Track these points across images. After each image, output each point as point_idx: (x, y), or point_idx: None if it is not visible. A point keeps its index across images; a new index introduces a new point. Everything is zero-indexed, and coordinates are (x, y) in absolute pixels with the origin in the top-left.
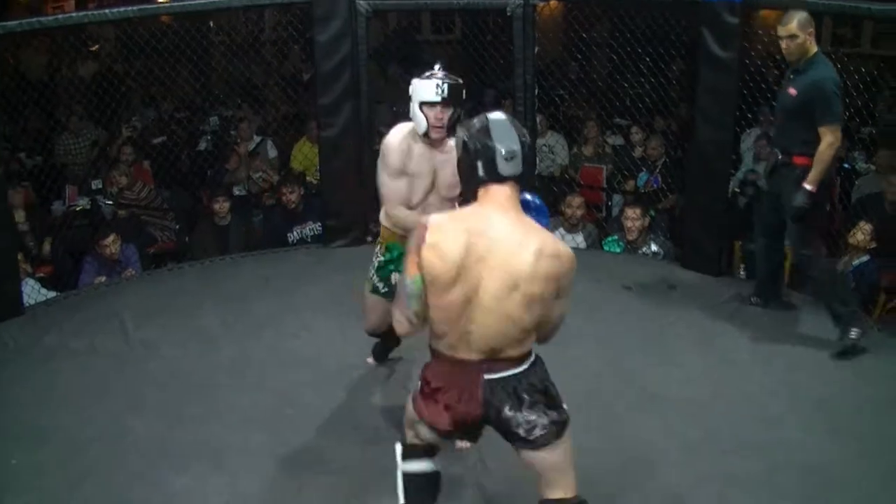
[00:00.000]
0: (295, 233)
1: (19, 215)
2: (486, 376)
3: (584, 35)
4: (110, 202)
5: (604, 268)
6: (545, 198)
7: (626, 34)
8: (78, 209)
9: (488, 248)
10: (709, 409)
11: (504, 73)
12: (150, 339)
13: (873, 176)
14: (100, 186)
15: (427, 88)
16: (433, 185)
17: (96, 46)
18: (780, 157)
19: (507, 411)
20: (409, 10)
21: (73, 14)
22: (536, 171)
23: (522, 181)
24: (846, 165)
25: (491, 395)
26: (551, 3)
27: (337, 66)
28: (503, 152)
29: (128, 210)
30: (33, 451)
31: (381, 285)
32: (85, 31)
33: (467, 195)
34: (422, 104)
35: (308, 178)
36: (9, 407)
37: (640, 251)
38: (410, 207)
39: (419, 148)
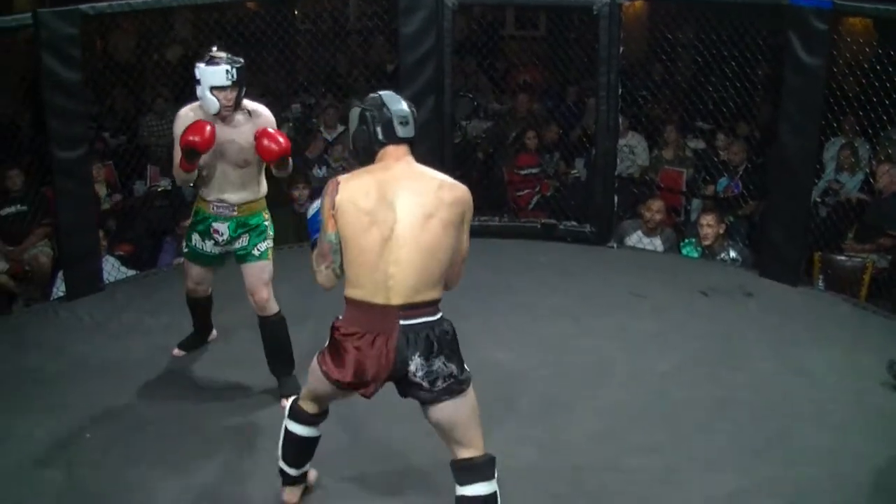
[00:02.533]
0: None
1: (102, 190)
2: (403, 322)
3: (668, 36)
4: (191, 185)
5: (681, 272)
6: (624, 197)
7: (712, 36)
8: (159, 190)
9: (395, 190)
10: (777, 416)
11: (587, 71)
12: (225, 323)
13: None
14: None
15: (217, 74)
16: (223, 155)
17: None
18: None
19: (417, 358)
20: (496, 4)
21: None
22: (617, 172)
23: (414, 143)
24: None
25: (405, 341)
26: (636, 2)
27: (421, 58)
28: (398, 118)
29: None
30: (104, 427)
31: (184, 245)
32: (171, 15)
33: (364, 160)
34: (212, 88)
35: None
36: (82, 381)
37: (717, 257)
38: (201, 175)
39: (215, 123)
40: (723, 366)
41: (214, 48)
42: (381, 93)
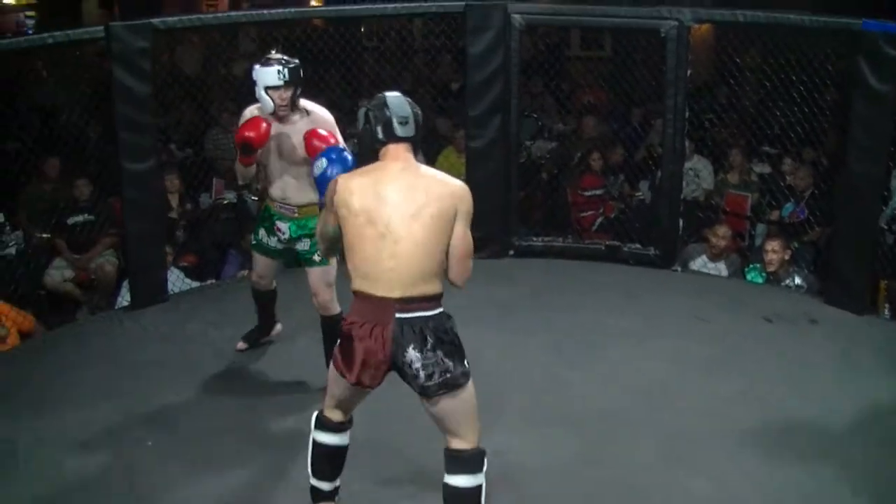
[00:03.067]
0: None
1: (175, 200)
2: (398, 315)
3: (736, 60)
4: (256, 198)
5: (745, 298)
6: (689, 221)
7: (780, 60)
8: (224, 203)
9: (388, 187)
10: (843, 445)
11: (653, 93)
12: (287, 333)
13: None
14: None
15: (270, 74)
16: (281, 153)
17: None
18: None
19: (411, 350)
20: (563, 26)
21: (233, 13)
22: (681, 196)
23: (416, 143)
24: None
25: (400, 333)
26: (702, 25)
27: (488, 77)
28: (398, 118)
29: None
30: (164, 435)
31: (252, 237)
32: (238, 30)
33: (367, 158)
34: (266, 88)
35: None
36: (145, 390)
37: (782, 283)
38: (265, 173)
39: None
40: (787, 393)
41: (273, 52)
42: (385, 94)
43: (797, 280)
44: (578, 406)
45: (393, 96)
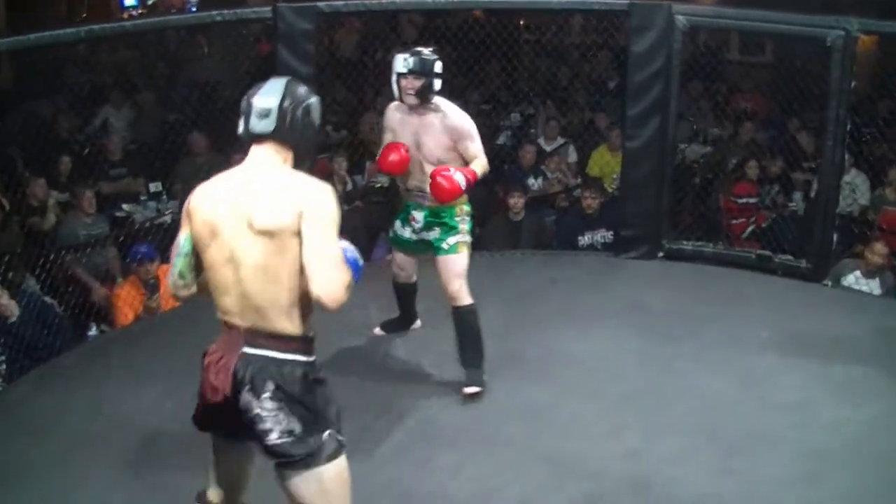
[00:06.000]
0: (586, 237)
1: (339, 182)
2: (245, 348)
3: None
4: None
5: (894, 318)
6: (842, 236)
7: None
8: (377, 186)
9: (235, 199)
10: None
11: (809, 102)
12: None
13: None
14: None
15: (397, 62)
16: (416, 146)
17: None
18: None
19: (246, 393)
20: (725, 29)
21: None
22: (838, 209)
23: (290, 144)
24: None
25: (242, 368)
26: (865, 37)
27: (649, 78)
28: (256, 110)
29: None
30: None
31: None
32: (397, 16)
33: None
34: (397, 75)
35: (604, 186)
36: None
37: None
38: None
39: (402, 114)
40: None
41: (429, 49)
42: (275, 78)
43: None
44: (717, 417)
45: (271, 81)
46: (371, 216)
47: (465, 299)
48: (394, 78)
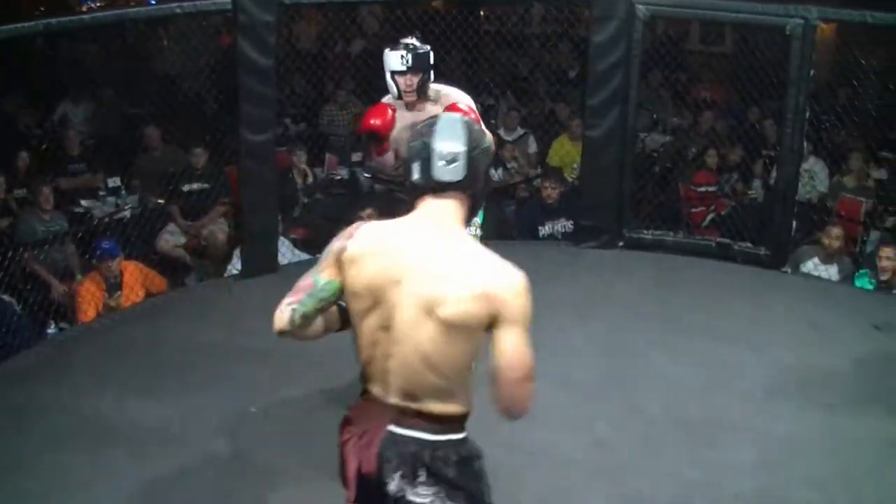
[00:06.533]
0: (546, 227)
1: (299, 175)
2: (391, 427)
3: (861, 61)
4: (368, 175)
5: (853, 304)
6: (801, 223)
7: None
8: (337, 178)
9: (406, 264)
10: None
11: (769, 91)
12: None
13: None
14: (359, 159)
15: (393, 59)
16: None
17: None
18: None
19: (397, 477)
20: (685, 18)
21: None
22: (797, 197)
23: (468, 191)
24: None
25: (387, 450)
26: (824, 25)
27: (610, 68)
28: (441, 155)
29: (385, 185)
30: (270, 402)
31: None
32: (357, 8)
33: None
34: (392, 73)
35: (564, 175)
36: (250, 357)
37: (893, 291)
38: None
39: (400, 110)
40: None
41: (411, 37)
42: (442, 115)
43: None
44: (682, 405)
45: (445, 120)
46: (332, 208)
47: None
48: (388, 76)
